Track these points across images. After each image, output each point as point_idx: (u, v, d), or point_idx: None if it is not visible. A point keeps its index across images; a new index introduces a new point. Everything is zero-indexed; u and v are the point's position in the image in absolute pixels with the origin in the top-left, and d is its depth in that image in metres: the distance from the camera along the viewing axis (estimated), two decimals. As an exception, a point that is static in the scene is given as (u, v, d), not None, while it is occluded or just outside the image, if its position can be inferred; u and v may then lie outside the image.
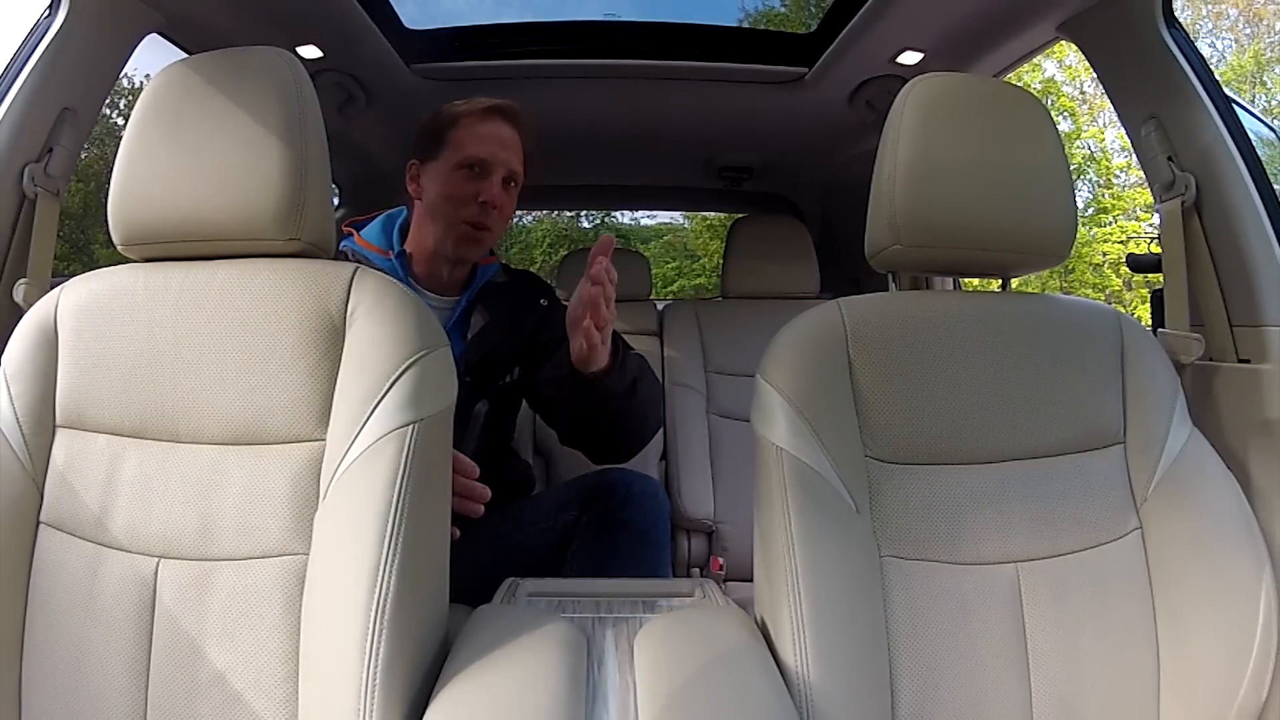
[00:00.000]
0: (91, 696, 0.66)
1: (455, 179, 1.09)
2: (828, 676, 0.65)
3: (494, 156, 1.09)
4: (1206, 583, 0.73)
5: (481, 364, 1.12)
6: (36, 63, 0.91)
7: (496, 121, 1.10)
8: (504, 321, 1.15)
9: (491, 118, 1.10)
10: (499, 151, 1.09)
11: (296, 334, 0.69)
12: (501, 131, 1.10)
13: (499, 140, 1.10)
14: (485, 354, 1.12)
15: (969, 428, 0.75)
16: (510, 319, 1.16)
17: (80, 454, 0.71)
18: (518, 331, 1.16)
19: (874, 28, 1.27)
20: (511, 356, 1.16)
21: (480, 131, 1.10)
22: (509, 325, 1.15)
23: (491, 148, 1.09)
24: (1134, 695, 0.72)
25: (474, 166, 1.08)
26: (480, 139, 1.09)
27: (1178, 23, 0.95)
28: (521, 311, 1.18)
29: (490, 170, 1.09)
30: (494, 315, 1.14)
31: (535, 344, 1.17)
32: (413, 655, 0.63)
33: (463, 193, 1.08)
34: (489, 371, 1.14)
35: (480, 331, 1.13)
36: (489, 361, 1.13)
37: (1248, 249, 0.88)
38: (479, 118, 1.10)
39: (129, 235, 0.74)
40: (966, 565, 0.73)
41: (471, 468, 0.94)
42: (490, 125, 1.10)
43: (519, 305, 1.18)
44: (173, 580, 0.67)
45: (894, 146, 0.78)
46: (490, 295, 1.16)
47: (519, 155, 1.12)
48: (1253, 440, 0.86)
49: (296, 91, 0.73)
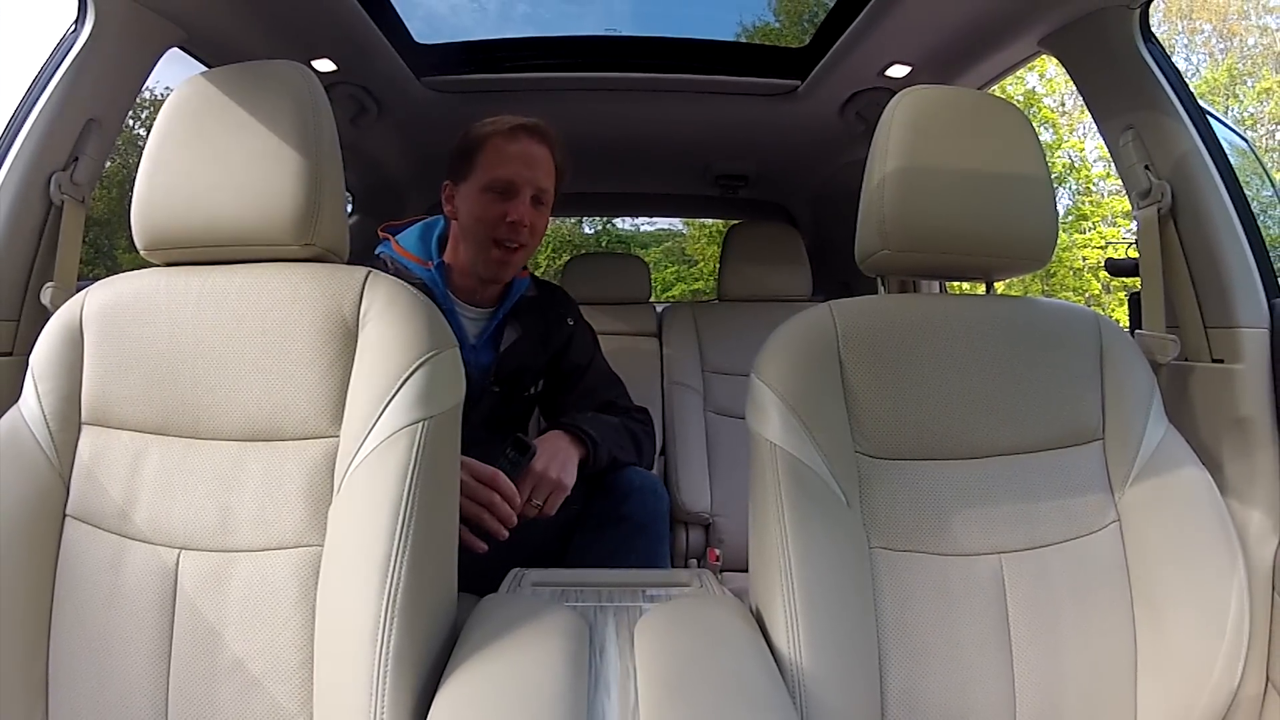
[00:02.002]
0: (116, 682, 0.66)
1: (484, 200, 1.06)
2: (820, 663, 0.65)
3: (519, 176, 1.06)
4: (1182, 572, 0.73)
5: (512, 375, 1.13)
6: (63, 76, 0.91)
7: (523, 140, 1.07)
8: (533, 336, 1.16)
9: (518, 137, 1.07)
10: (524, 170, 1.06)
11: (312, 335, 0.69)
12: (529, 150, 1.07)
13: (525, 159, 1.07)
14: (516, 367, 1.14)
15: (954, 425, 0.75)
16: (539, 334, 1.17)
17: (105, 450, 0.71)
18: (545, 347, 1.18)
19: (863, 42, 1.27)
20: (538, 370, 1.18)
21: (508, 152, 1.07)
22: (538, 340, 1.17)
23: (517, 167, 1.06)
24: (1113, 679, 0.72)
25: (502, 189, 1.06)
26: (507, 159, 1.06)
27: (1154, 38, 0.95)
28: (550, 328, 1.19)
29: (517, 190, 1.06)
30: (525, 330, 1.15)
31: (559, 367, 1.19)
32: (422, 642, 0.63)
33: (492, 214, 1.06)
34: (517, 383, 1.15)
35: (513, 345, 1.13)
36: (519, 373, 1.15)
37: (1221, 253, 0.88)
38: (506, 138, 1.07)
39: (151, 241, 0.74)
40: (952, 556, 0.73)
41: (513, 495, 0.95)
42: (518, 145, 1.07)
43: (548, 321, 1.19)
44: (193, 571, 0.67)
45: (883, 156, 0.78)
46: (522, 309, 1.16)
47: (548, 172, 1.10)
48: (1226, 436, 0.86)
49: (312, 103, 0.73)
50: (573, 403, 1.17)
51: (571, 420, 1.08)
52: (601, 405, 1.17)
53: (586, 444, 1.04)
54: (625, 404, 1.20)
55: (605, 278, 1.95)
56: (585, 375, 1.19)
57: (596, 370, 1.21)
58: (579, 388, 1.18)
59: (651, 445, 1.18)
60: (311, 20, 1.17)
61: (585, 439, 1.04)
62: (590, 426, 1.06)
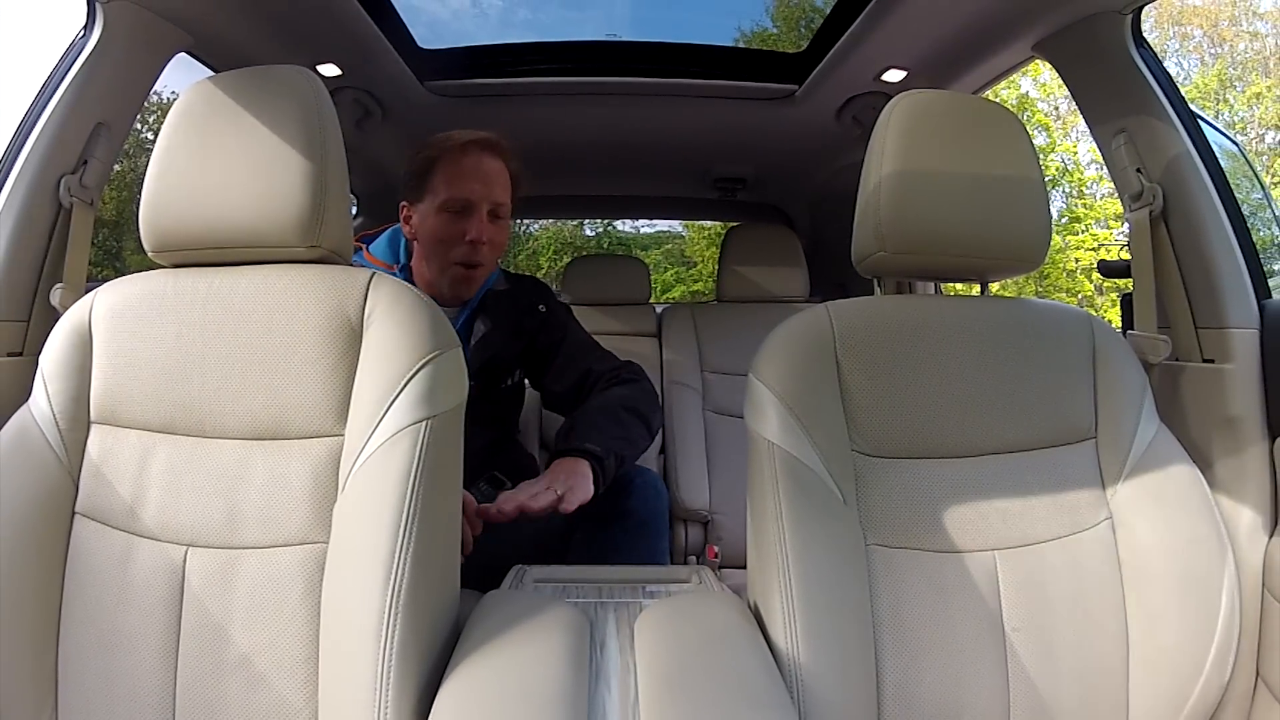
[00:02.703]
0: (124, 677, 0.66)
1: (442, 220, 1.05)
2: (817, 657, 0.65)
3: (474, 194, 1.04)
4: (1173, 569, 0.73)
5: (485, 368, 1.11)
6: (72, 80, 0.91)
7: (475, 155, 1.05)
8: (505, 327, 1.14)
9: (470, 152, 1.05)
10: (479, 187, 1.05)
11: (317, 336, 0.69)
12: (481, 164, 1.05)
13: (479, 175, 1.05)
14: (488, 359, 1.12)
15: (949, 423, 0.75)
16: (510, 325, 1.15)
17: (113, 448, 0.71)
18: (518, 336, 1.16)
19: (860, 47, 1.27)
20: (513, 360, 1.17)
21: (460, 169, 1.04)
22: (510, 331, 1.15)
23: (471, 184, 1.04)
24: (1105, 674, 0.72)
25: (459, 207, 1.04)
26: (460, 177, 1.04)
27: (1146, 43, 0.95)
28: (521, 317, 1.17)
29: (473, 208, 1.05)
30: (495, 322, 1.14)
31: (535, 349, 1.17)
32: (426, 638, 0.63)
33: (450, 233, 1.05)
34: (492, 375, 1.14)
35: (483, 338, 1.12)
36: (492, 366, 1.13)
37: (1211, 255, 0.88)
38: (457, 154, 1.05)
39: (159, 243, 0.74)
40: (947, 553, 0.73)
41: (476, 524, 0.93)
42: (470, 160, 1.05)
43: (519, 311, 1.17)
44: (200, 567, 0.67)
45: (879, 159, 0.78)
46: (491, 303, 1.15)
47: (504, 185, 1.08)
48: (1216, 435, 0.86)
49: (317, 107, 0.73)
50: (555, 378, 1.16)
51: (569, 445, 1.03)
52: (582, 374, 1.14)
53: (591, 461, 1.01)
54: (606, 366, 1.16)
55: (606, 279, 1.95)
56: (562, 347, 1.17)
57: (573, 340, 1.19)
58: (558, 360, 1.16)
59: (652, 402, 1.14)
60: (317, 26, 1.17)
61: (588, 456, 1.01)
62: (590, 441, 1.01)
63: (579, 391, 1.14)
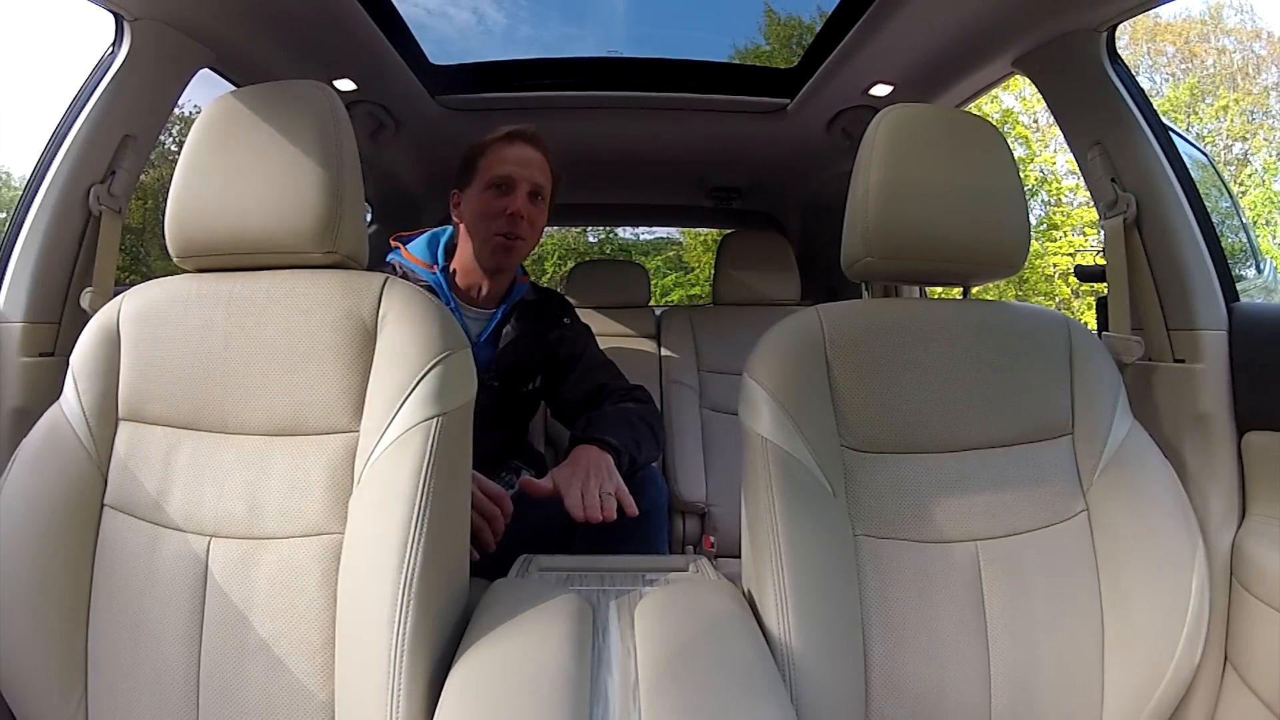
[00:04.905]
0: (151, 660, 0.66)
1: (485, 198, 1.11)
2: (807, 642, 0.65)
3: (516, 174, 1.11)
4: (1146, 558, 0.73)
5: (510, 371, 1.14)
6: (101, 94, 0.91)
7: (519, 145, 1.13)
8: (531, 334, 1.17)
9: (514, 142, 1.13)
10: (521, 169, 1.11)
11: (333, 337, 0.69)
12: (524, 152, 1.12)
13: (521, 160, 1.12)
14: (514, 362, 1.15)
15: (933, 420, 0.75)
16: (536, 332, 1.18)
17: (140, 444, 0.71)
18: (542, 344, 1.18)
19: (849, 63, 1.27)
20: (535, 365, 1.19)
21: (505, 154, 1.12)
22: (535, 337, 1.17)
23: (513, 166, 1.11)
24: (1081, 658, 0.73)
25: (500, 185, 1.10)
26: (504, 160, 1.11)
27: (1120, 59, 0.96)
28: (547, 327, 1.20)
29: (515, 185, 1.11)
30: (523, 328, 1.16)
31: (556, 359, 1.20)
32: (436, 624, 0.63)
33: (492, 208, 1.10)
34: (516, 378, 1.16)
35: (511, 342, 1.15)
36: (516, 369, 1.15)
37: (1182, 260, 0.88)
38: (504, 143, 1.13)
39: (184, 248, 0.74)
40: (931, 543, 0.73)
41: (508, 506, 0.94)
42: (514, 149, 1.12)
43: (545, 320, 1.20)
44: (223, 557, 0.67)
45: (867, 169, 0.78)
46: (520, 311, 1.18)
47: (544, 172, 1.14)
48: (1187, 431, 0.87)
49: (334, 120, 0.73)
50: (571, 387, 1.18)
51: (587, 434, 1.04)
52: (597, 388, 1.17)
53: (610, 453, 1.01)
54: (620, 385, 1.19)
55: (607, 283, 1.95)
56: (580, 361, 1.20)
57: (590, 357, 1.22)
58: (575, 373, 1.19)
59: (659, 423, 1.16)
60: (334, 43, 1.18)
61: (607, 447, 1.01)
62: (610, 435, 1.03)
63: (591, 402, 1.17)
